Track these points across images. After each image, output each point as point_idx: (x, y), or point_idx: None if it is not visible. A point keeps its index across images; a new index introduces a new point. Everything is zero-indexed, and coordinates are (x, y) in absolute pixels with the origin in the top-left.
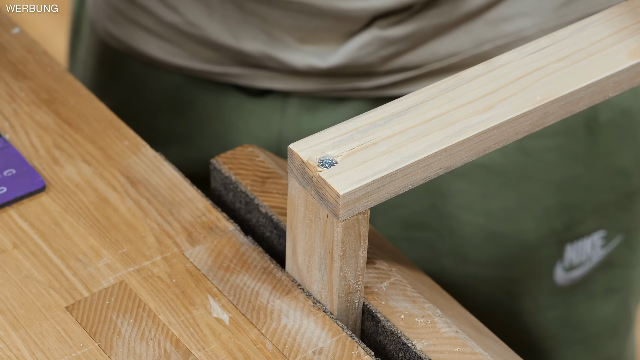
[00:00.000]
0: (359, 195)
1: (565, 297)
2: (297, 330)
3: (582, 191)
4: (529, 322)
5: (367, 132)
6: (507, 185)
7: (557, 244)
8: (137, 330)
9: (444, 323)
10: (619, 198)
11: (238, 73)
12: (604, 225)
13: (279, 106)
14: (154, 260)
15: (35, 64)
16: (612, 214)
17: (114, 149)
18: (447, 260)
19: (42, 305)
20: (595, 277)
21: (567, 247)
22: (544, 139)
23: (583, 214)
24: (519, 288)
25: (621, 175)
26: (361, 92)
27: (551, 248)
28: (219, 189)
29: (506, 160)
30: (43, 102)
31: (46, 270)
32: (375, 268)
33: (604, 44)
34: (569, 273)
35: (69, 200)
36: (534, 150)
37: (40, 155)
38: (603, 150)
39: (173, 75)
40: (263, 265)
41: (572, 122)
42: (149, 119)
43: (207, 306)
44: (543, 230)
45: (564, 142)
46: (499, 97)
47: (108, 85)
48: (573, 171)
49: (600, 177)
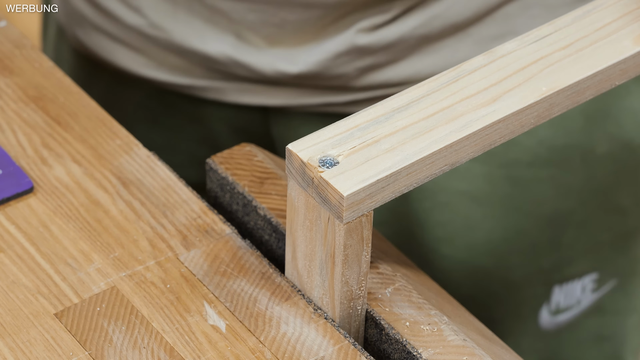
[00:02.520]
0: (363, 195)
1: (550, 343)
2: (297, 338)
3: (574, 228)
4: None
5: (368, 129)
6: (492, 217)
7: (544, 284)
8: (130, 338)
9: (451, 330)
10: (614, 239)
11: (206, 86)
12: (596, 268)
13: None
14: (147, 265)
15: (22, 60)
16: (606, 256)
17: (105, 148)
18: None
19: (30, 312)
20: (584, 323)
21: (555, 288)
22: (536, 168)
23: (574, 254)
24: (500, 329)
25: (618, 213)
26: (335, 107)
27: (537, 288)
28: (215, 190)
29: (493, 189)
30: (31, 99)
31: (34, 275)
32: (378, 273)
33: (608, 30)
34: (556, 317)
35: (57, 202)
36: (523, 180)
37: (27, 155)
38: (599, 185)
39: (143, 85)
40: (261, 270)
41: (566, 152)
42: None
43: (203, 313)
44: (529, 268)
45: (557, 173)
46: (503, 88)
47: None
48: (566, 206)
49: (595, 214)
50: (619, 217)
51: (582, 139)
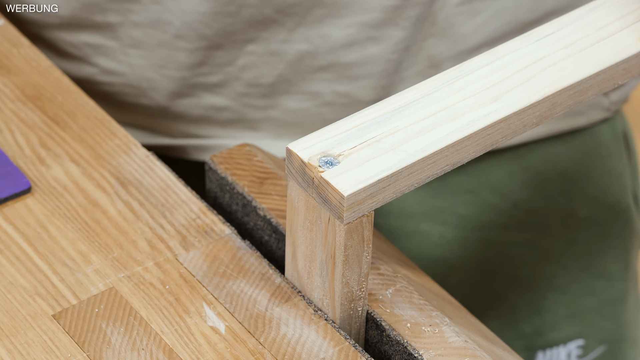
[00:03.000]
0: (364, 196)
1: None
2: (297, 339)
3: (556, 293)
4: None
5: (369, 128)
6: (468, 283)
7: (527, 349)
8: (128, 339)
9: (453, 332)
10: (600, 304)
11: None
12: (582, 334)
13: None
14: (145, 266)
15: (20, 59)
16: (592, 322)
17: (104, 147)
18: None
19: (28, 313)
20: None
21: (538, 354)
22: (511, 232)
23: (557, 319)
24: None
25: (604, 278)
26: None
27: (520, 353)
28: (214, 190)
29: (468, 253)
30: (29, 99)
31: (32, 276)
32: (379, 274)
33: (610, 29)
34: None
35: (55, 202)
36: (500, 244)
37: (25, 155)
38: (583, 249)
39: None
40: (261, 271)
41: (545, 216)
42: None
43: (202, 314)
44: (508, 333)
45: (535, 237)
46: (505, 88)
47: None
48: (546, 271)
49: (578, 279)
50: (606, 282)
51: (561, 202)
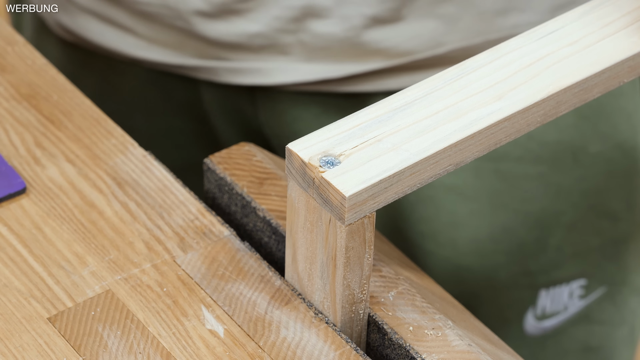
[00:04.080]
0: (365, 196)
1: (534, 349)
2: (297, 343)
3: (563, 230)
4: None
5: (371, 127)
6: (478, 214)
7: (531, 287)
8: (125, 343)
9: (456, 335)
10: (604, 244)
11: (197, 66)
12: (584, 273)
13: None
14: (143, 268)
15: (15, 57)
16: (596, 262)
17: (100, 147)
18: None
19: (23, 316)
20: (571, 331)
21: (541, 292)
22: (525, 164)
23: (562, 257)
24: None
25: (608, 218)
26: (331, 85)
27: (523, 291)
28: (213, 190)
29: (480, 183)
30: (23, 97)
31: (27, 278)
32: (381, 276)
33: (616, 26)
34: (541, 322)
35: (51, 203)
36: (512, 176)
37: (20, 155)
38: (591, 186)
39: (138, 70)
40: (261, 273)
41: (557, 150)
42: (123, 121)
43: (201, 317)
44: (515, 270)
45: (546, 171)
46: (509, 86)
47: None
48: (555, 206)
49: (585, 217)
50: (610, 222)
51: (574, 136)
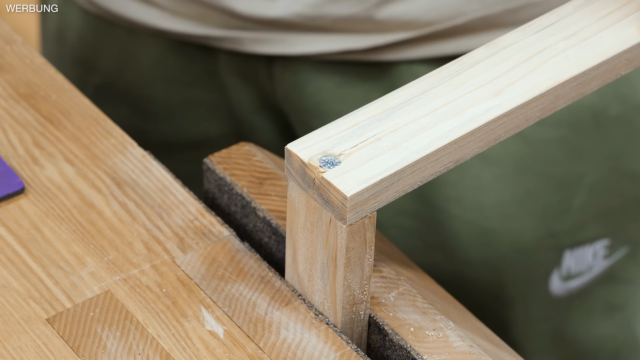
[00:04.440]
0: (366, 196)
1: (560, 309)
2: (297, 344)
3: (585, 192)
4: (518, 333)
5: (369, 126)
6: (503, 178)
7: (555, 248)
8: (124, 344)
9: (457, 336)
10: (626, 204)
11: (221, 36)
12: (608, 234)
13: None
14: (142, 269)
15: (13, 56)
16: (618, 222)
17: (99, 147)
18: (436, 255)
19: (21, 317)
20: (595, 291)
21: (566, 253)
22: (546, 128)
23: (586, 218)
24: (509, 294)
25: (630, 179)
26: (353, 55)
27: (548, 252)
28: (212, 190)
29: (504, 149)
30: (22, 97)
31: (25, 279)
32: (382, 277)
33: (612, 19)
34: (566, 283)
35: (49, 203)
36: (534, 140)
37: (18, 154)
38: (611, 148)
39: (159, 41)
40: (261, 274)
41: (578, 113)
42: (141, 90)
43: (200, 318)
44: (540, 232)
45: (568, 134)
46: (507, 81)
47: (93, 60)
48: (577, 168)
49: (606, 178)
50: (631, 182)
51: (594, 99)
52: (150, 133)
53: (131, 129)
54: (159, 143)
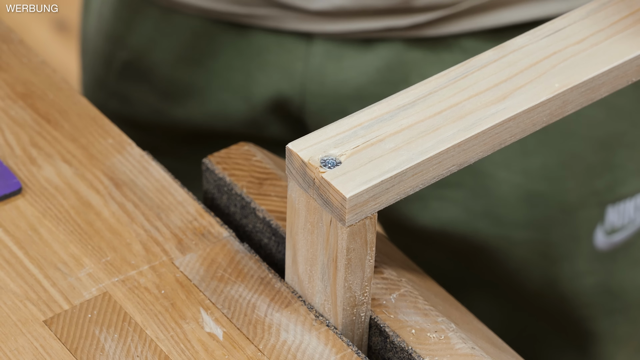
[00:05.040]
0: (366, 197)
1: (605, 263)
2: (297, 346)
3: (626, 149)
4: (566, 289)
5: (372, 127)
6: (547, 142)
7: (598, 205)
8: (123, 346)
9: (459, 338)
10: None
11: (263, 14)
12: None
13: (302, 55)
14: (140, 270)
15: (10, 55)
16: None
17: (97, 147)
18: (480, 221)
19: (18, 319)
20: (639, 242)
21: (608, 208)
22: None
23: (626, 174)
24: (556, 252)
25: None
26: (395, 32)
27: (592, 210)
28: (212, 191)
29: None
30: (19, 96)
31: (22, 280)
32: (383, 278)
33: (623, 24)
34: (610, 237)
35: (47, 204)
36: None
37: (15, 155)
38: None
39: (193, 21)
40: (260, 275)
41: None
42: (167, 70)
43: (199, 320)
44: (584, 191)
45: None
46: (514, 85)
47: (124, 36)
48: (617, 128)
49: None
50: None
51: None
52: (169, 114)
53: (151, 109)
54: (177, 125)
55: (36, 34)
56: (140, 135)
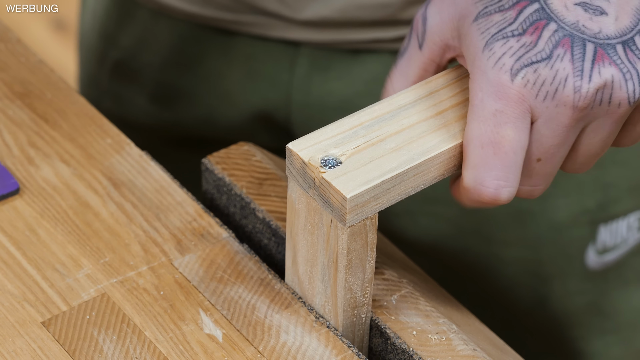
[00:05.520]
0: (367, 197)
1: (597, 283)
2: (297, 348)
3: (618, 167)
4: (557, 308)
5: (373, 127)
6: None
7: (590, 224)
8: (121, 348)
9: (461, 340)
10: None
11: (250, 21)
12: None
13: (288, 64)
14: (139, 271)
15: (7, 54)
16: None
17: (95, 147)
18: (470, 239)
19: (16, 321)
20: (631, 262)
21: (600, 227)
22: None
23: (619, 193)
24: (547, 271)
25: None
26: (382, 44)
27: (583, 228)
28: (211, 191)
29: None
30: (16, 96)
31: (20, 281)
32: (384, 279)
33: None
34: (602, 256)
35: (45, 204)
36: None
37: (13, 155)
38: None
39: (180, 25)
40: (260, 276)
41: None
42: (155, 73)
43: (199, 321)
44: (575, 209)
45: None
46: None
47: (115, 36)
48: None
49: (638, 153)
50: None
51: None
52: (158, 117)
53: (141, 110)
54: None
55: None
56: (132, 135)
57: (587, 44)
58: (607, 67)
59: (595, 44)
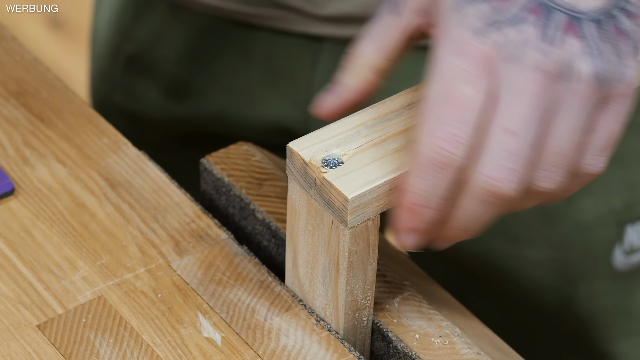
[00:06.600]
0: (369, 198)
1: (623, 284)
2: (298, 351)
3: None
4: (583, 310)
5: (376, 127)
6: None
7: (617, 224)
8: (118, 351)
9: (464, 343)
10: None
11: (271, 15)
12: None
13: (310, 61)
14: (136, 273)
15: (2, 52)
16: None
17: (92, 147)
18: (494, 240)
19: (11, 324)
20: None
21: (627, 228)
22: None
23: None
24: (572, 272)
25: None
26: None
27: (610, 229)
28: (210, 192)
29: None
30: (11, 95)
31: (15, 284)
32: (386, 282)
33: None
34: (629, 257)
35: (40, 205)
36: None
37: (8, 155)
38: None
39: (200, 18)
40: (260, 279)
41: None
42: (170, 67)
43: (197, 324)
44: (601, 209)
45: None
46: None
47: (131, 29)
48: (636, 145)
49: None
50: None
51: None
52: (171, 112)
53: (153, 105)
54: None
55: (29, 31)
56: (143, 130)
57: (558, 13)
58: (574, 38)
59: (567, 15)
